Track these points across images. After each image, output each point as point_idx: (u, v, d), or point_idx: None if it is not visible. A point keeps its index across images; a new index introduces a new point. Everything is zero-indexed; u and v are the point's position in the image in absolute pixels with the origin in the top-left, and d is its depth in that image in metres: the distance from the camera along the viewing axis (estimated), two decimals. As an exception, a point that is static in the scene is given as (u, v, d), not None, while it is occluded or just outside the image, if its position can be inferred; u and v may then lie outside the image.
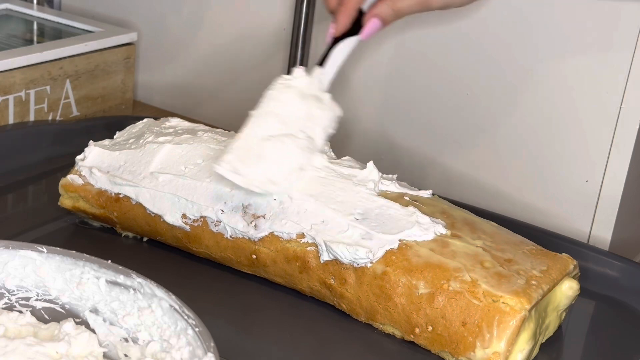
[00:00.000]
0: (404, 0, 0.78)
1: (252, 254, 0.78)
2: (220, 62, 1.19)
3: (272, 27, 1.13)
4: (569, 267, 0.75)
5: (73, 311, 0.67)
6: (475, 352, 0.69)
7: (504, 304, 0.69)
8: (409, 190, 0.79)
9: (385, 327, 0.75)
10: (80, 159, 0.85)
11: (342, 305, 0.76)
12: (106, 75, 1.14)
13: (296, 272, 0.77)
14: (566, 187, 0.98)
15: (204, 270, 0.81)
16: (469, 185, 1.03)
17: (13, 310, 0.67)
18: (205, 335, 0.60)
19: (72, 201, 0.85)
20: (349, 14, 0.79)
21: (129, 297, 0.65)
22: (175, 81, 1.23)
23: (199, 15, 1.19)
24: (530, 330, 0.70)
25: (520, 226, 0.86)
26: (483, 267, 0.71)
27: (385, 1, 0.78)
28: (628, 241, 1.02)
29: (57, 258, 0.67)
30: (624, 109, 0.93)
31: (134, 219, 0.83)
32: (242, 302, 0.78)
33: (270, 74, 1.14)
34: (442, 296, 0.71)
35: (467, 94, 1.02)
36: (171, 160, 0.81)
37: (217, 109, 1.20)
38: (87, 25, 1.18)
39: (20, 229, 0.85)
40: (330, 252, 0.74)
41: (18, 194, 0.94)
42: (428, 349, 0.73)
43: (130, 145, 0.84)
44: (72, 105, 1.11)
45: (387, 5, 0.78)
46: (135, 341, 0.65)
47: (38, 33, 1.20)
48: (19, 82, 1.03)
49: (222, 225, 0.78)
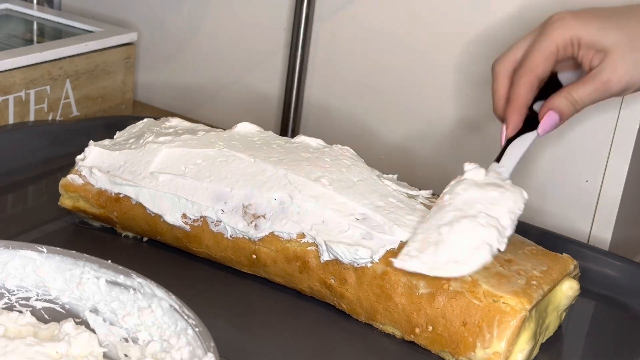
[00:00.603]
0: (582, 90, 0.74)
1: (252, 254, 0.78)
2: (220, 62, 1.19)
3: (272, 27, 1.13)
4: (569, 267, 0.75)
5: (73, 311, 0.67)
6: (476, 352, 0.69)
7: (505, 304, 0.69)
8: (409, 191, 0.79)
9: (386, 327, 0.75)
10: (80, 159, 0.85)
11: (342, 305, 0.76)
12: (106, 75, 1.14)
13: (296, 272, 0.77)
14: (566, 187, 0.98)
15: (204, 270, 0.81)
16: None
17: (13, 310, 0.67)
18: (205, 335, 0.60)
19: (72, 201, 0.85)
20: (520, 112, 0.76)
21: (129, 297, 0.65)
22: (175, 81, 1.23)
23: (199, 15, 1.19)
24: (530, 331, 0.70)
25: (520, 226, 0.86)
26: (483, 267, 0.71)
27: (562, 93, 0.75)
28: (628, 241, 1.02)
29: (57, 258, 0.67)
30: (624, 109, 0.93)
31: (134, 219, 0.83)
32: (242, 302, 0.78)
33: (270, 74, 1.15)
34: (443, 296, 0.71)
35: (467, 94, 1.02)
36: (171, 160, 0.81)
37: (217, 109, 1.20)
38: (87, 25, 1.18)
39: (20, 229, 0.85)
40: (330, 252, 0.74)
41: (18, 194, 0.94)
42: (428, 349, 0.73)
43: (131, 145, 0.84)
44: (72, 105, 1.11)
45: (564, 97, 0.74)
46: (135, 341, 0.65)
47: (38, 33, 1.20)
48: (19, 82, 1.03)
49: (222, 225, 0.78)
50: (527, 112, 0.77)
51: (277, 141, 0.84)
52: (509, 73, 0.78)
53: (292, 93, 1.12)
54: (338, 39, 1.09)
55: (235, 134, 0.85)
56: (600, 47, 0.74)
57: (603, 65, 0.74)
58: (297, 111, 1.12)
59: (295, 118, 1.12)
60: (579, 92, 0.74)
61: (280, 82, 1.14)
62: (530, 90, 0.76)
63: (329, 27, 1.09)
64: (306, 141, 0.84)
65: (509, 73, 0.78)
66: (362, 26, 1.07)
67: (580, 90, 0.74)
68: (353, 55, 1.09)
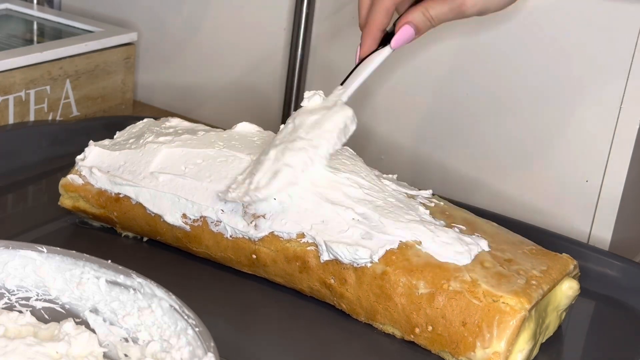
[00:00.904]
0: (438, 8, 0.75)
1: (252, 253, 0.78)
2: (220, 62, 1.19)
3: (272, 27, 1.13)
4: (569, 267, 0.75)
5: (73, 311, 0.67)
6: (476, 352, 0.69)
7: (504, 303, 0.69)
8: (409, 191, 0.79)
9: (385, 327, 0.75)
10: (80, 159, 0.85)
11: (342, 305, 0.76)
12: (106, 75, 1.14)
13: (296, 272, 0.77)
14: (566, 187, 0.98)
15: (204, 270, 0.81)
16: (469, 185, 1.03)
17: (13, 310, 0.67)
18: (205, 335, 0.60)
19: (72, 201, 0.85)
20: (375, 36, 0.77)
21: (129, 297, 0.65)
22: (175, 81, 1.23)
23: (199, 15, 1.19)
24: (530, 330, 0.70)
25: (520, 226, 0.86)
26: (483, 267, 0.71)
27: (418, 8, 0.75)
28: (628, 241, 1.02)
29: (57, 258, 0.67)
30: (624, 109, 0.93)
31: (134, 218, 0.83)
32: (242, 302, 0.78)
33: (270, 74, 1.15)
34: (442, 296, 0.71)
35: (467, 93, 1.02)
36: (171, 160, 0.81)
37: (217, 109, 1.20)
38: (87, 25, 1.18)
39: (20, 229, 0.85)
40: (330, 252, 0.74)
41: (18, 194, 0.94)
42: (428, 349, 0.73)
43: (131, 145, 0.84)
44: (72, 105, 1.11)
45: (421, 12, 0.75)
46: (135, 341, 0.65)
47: (38, 33, 1.20)
48: (19, 82, 1.03)
49: (222, 225, 0.78)
50: (381, 35, 0.77)
51: (277, 141, 0.84)
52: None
53: (292, 93, 1.12)
54: (338, 39, 1.09)
55: (235, 134, 0.85)
56: None
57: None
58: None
59: (295, 118, 1.12)
60: (436, 9, 0.75)
61: (280, 82, 1.14)
62: (387, 16, 0.77)
63: (329, 27, 1.09)
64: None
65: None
66: (362, 26, 1.07)
67: (437, 8, 0.75)
68: (353, 55, 1.08)
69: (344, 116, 0.76)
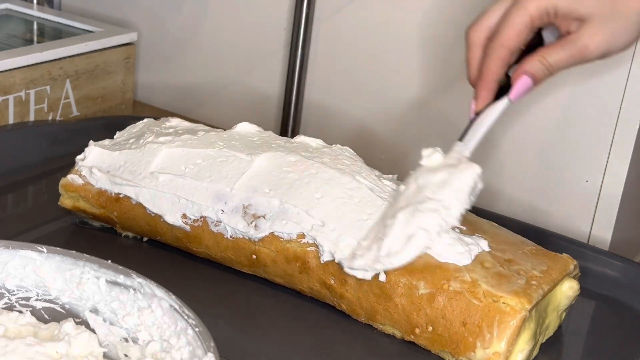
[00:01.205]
0: (556, 53, 0.71)
1: (252, 254, 0.78)
2: (220, 62, 1.19)
3: (272, 27, 1.13)
4: (569, 267, 0.75)
5: (73, 311, 0.67)
6: (476, 352, 0.69)
7: (504, 304, 0.69)
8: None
9: (385, 327, 0.75)
10: (80, 158, 0.85)
11: (342, 305, 0.76)
12: (106, 75, 1.14)
13: (296, 273, 0.77)
14: (566, 187, 0.98)
15: (204, 270, 0.81)
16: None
17: (13, 310, 0.67)
18: (205, 335, 0.60)
19: (72, 201, 0.85)
20: (490, 88, 0.73)
21: (129, 297, 0.65)
22: (175, 81, 1.23)
23: (199, 15, 1.19)
24: (530, 331, 0.70)
25: (520, 226, 0.86)
26: (483, 267, 0.71)
27: (535, 56, 0.72)
28: (628, 241, 1.02)
29: (57, 258, 0.67)
30: (624, 109, 0.93)
31: (134, 218, 0.83)
32: (242, 302, 0.78)
33: (270, 74, 1.15)
34: (443, 296, 0.71)
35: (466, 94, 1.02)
36: (171, 160, 0.81)
37: (217, 109, 1.20)
38: (87, 25, 1.18)
39: (20, 229, 0.85)
40: (331, 252, 0.74)
41: (18, 194, 0.94)
42: (428, 349, 0.73)
43: (131, 145, 0.84)
44: (72, 105, 1.11)
45: (538, 60, 0.71)
46: (135, 341, 0.65)
47: (38, 33, 1.20)
48: (19, 82, 1.03)
49: (223, 225, 0.78)
50: (497, 87, 0.74)
51: (277, 141, 0.84)
52: (482, 42, 0.74)
53: (292, 93, 1.11)
54: (338, 39, 1.09)
55: (235, 134, 0.85)
56: (578, 16, 0.70)
57: (581, 32, 0.70)
58: (297, 111, 1.12)
59: (295, 118, 1.12)
60: (555, 56, 0.71)
61: (280, 82, 1.14)
62: (502, 66, 0.73)
63: (329, 27, 1.09)
64: (306, 141, 0.84)
65: (482, 42, 0.74)
66: (362, 26, 1.07)
67: (556, 54, 0.72)
68: (353, 55, 1.09)
69: (473, 174, 0.72)
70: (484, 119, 0.74)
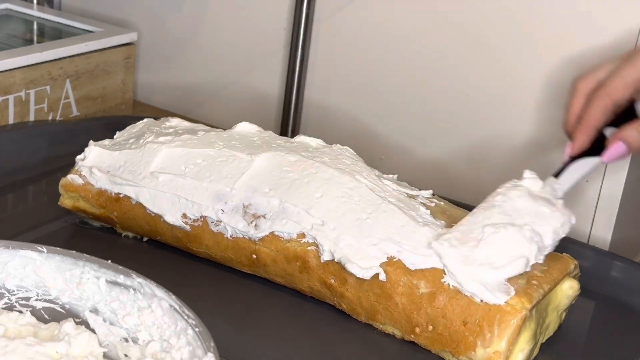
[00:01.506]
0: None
1: (253, 253, 0.78)
2: (220, 62, 1.19)
3: (272, 27, 1.13)
4: (570, 267, 0.75)
5: (73, 311, 0.67)
6: (476, 351, 0.69)
7: (505, 303, 0.69)
8: (409, 191, 0.79)
9: (386, 327, 0.75)
10: (80, 158, 0.85)
11: (342, 305, 0.76)
12: (106, 75, 1.14)
13: (296, 272, 0.77)
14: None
15: (204, 270, 0.81)
16: (469, 185, 1.03)
17: (13, 310, 0.67)
18: (205, 335, 0.60)
19: (72, 201, 0.85)
20: (589, 133, 0.75)
21: (129, 297, 0.65)
22: (175, 81, 1.23)
23: (199, 15, 1.19)
24: (531, 330, 0.70)
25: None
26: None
27: (634, 125, 0.73)
28: (628, 241, 1.02)
29: (57, 258, 0.67)
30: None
31: (134, 218, 0.83)
32: (242, 302, 0.78)
33: (270, 74, 1.15)
34: (443, 295, 0.71)
35: (467, 94, 1.02)
36: (171, 160, 0.81)
37: (217, 109, 1.20)
38: (87, 25, 1.18)
39: (20, 229, 0.85)
40: (331, 252, 0.74)
41: (18, 194, 0.94)
42: (428, 348, 0.73)
43: (131, 145, 0.84)
44: (72, 105, 1.11)
45: (635, 129, 0.73)
46: (135, 341, 0.65)
47: (38, 33, 1.20)
48: (19, 82, 1.03)
49: (223, 225, 0.78)
50: (595, 134, 0.76)
51: (277, 141, 0.84)
52: (587, 92, 0.76)
53: (292, 93, 1.12)
54: (338, 39, 1.09)
55: (235, 133, 0.85)
56: None
57: None
58: (297, 111, 1.12)
59: (295, 118, 1.12)
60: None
61: (280, 82, 1.14)
62: (604, 114, 0.75)
63: (329, 27, 1.09)
64: (306, 141, 0.84)
65: (587, 92, 0.76)
66: (362, 26, 1.07)
67: None
68: (353, 55, 1.09)
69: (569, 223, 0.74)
70: (580, 168, 0.76)
